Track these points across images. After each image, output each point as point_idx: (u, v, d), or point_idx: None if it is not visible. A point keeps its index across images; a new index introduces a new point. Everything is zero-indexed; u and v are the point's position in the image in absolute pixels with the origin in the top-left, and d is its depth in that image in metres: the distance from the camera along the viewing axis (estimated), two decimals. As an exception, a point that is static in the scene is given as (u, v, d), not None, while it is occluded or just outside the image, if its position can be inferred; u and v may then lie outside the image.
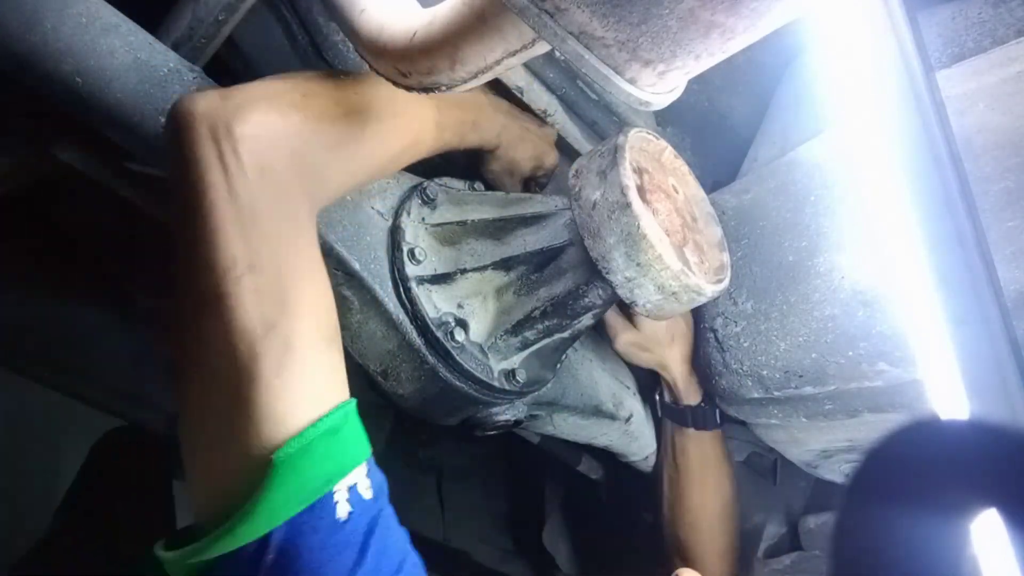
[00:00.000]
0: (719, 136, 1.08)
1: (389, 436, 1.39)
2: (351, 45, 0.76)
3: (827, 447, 0.92)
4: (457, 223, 0.78)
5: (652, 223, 0.65)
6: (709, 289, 0.69)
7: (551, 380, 0.86)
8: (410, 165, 0.90)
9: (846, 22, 0.49)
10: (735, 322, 0.87)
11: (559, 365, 0.86)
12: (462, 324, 0.75)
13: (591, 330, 0.99)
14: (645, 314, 0.70)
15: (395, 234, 0.75)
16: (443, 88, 0.52)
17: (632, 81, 0.44)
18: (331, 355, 0.54)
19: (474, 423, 0.83)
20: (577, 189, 0.69)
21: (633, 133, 0.70)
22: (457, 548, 1.63)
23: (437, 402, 0.78)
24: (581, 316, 0.77)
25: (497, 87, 0.89)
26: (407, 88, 0.54)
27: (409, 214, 0.77)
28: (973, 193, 0.46)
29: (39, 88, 0.60)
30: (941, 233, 0.46)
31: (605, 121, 0.97)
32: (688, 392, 0.99)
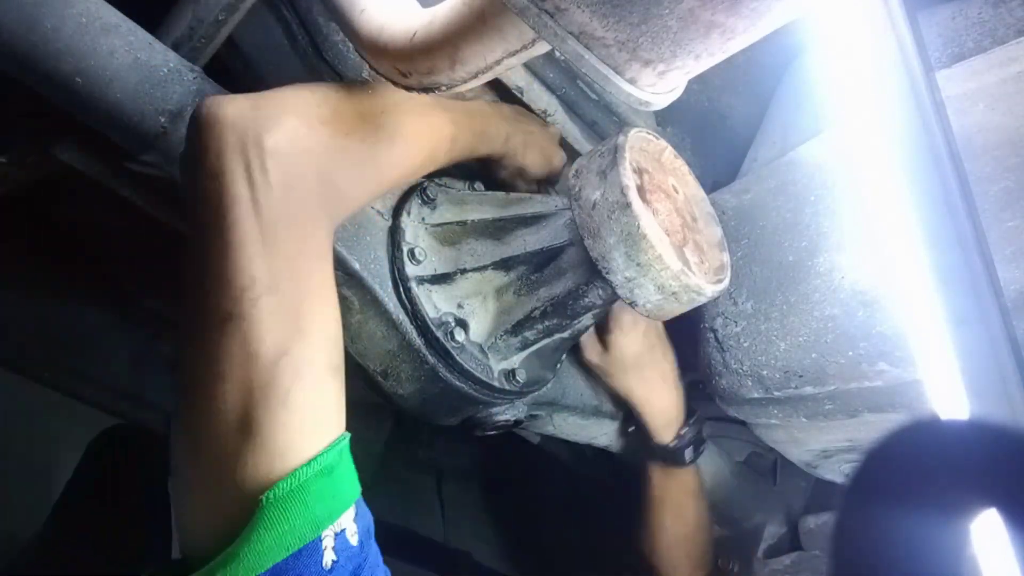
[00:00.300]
0: (719, 136, 1.08)
1: (389, 436, 1.39)
2: (351, 45, 0.76)
3: (827, 447, 0.92)
4: (457, 223, 0.78)
5: (652, 223, 0.65)
6: (709, 289, 0.69)
7: (551, 380, 0.86)
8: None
9: (846, 22, 0.49)
10: (735, 322, 0.87)
11: (559, 365, 0.86)
12: (462, 324, 0.75)
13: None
14: (645, 314, 0.69)
15: (395, 234, 0.75)
16: (443, 88, 0.52)
17: (632, 81, 0.44)
18: (336, 385, 0.52)
19: (474, 423, 0.83)
20: (577, 189, 0.69)
21: (633, 133, 0.70)
22: (457, 548, 1.63)
23: (437, 402, 0.78)
24: (581, 316, 0.77)
25: (497, 87, 0.89)
26: (407, 88, 0.54)
27: (409, 214, 0.77)
28: (973, 193, 0.46)
29: (39, 88, 0.60)
30: (941, 233, 0.46)
31: (605, 121, 0.97)
32: (657, 430, 0.95)
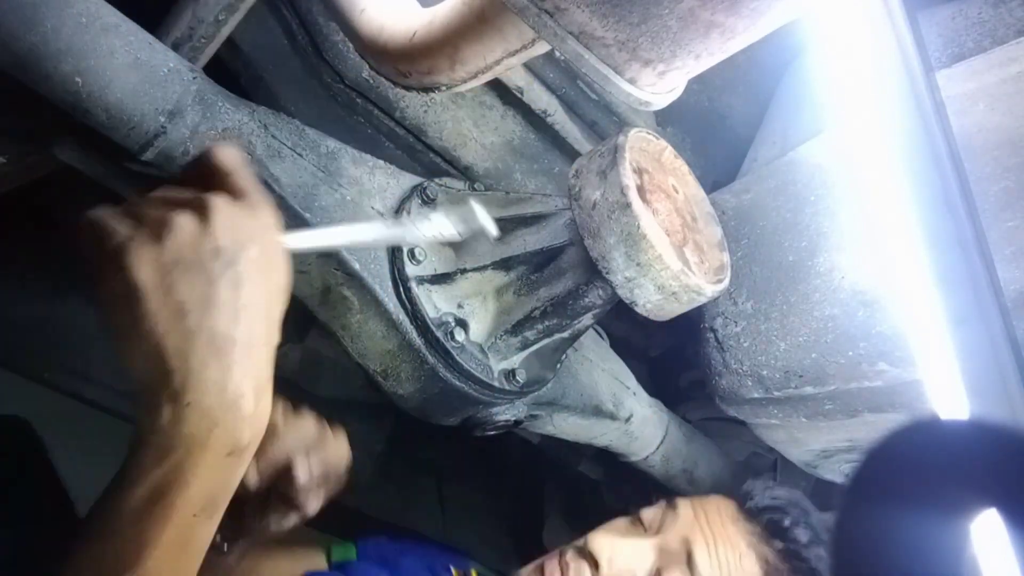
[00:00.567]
0: (719, 136, 1.08)
1: (389, 436, 1.39)
2: (351, 45, 0.76)
3: (827, 447, 0.92)
4: (457, 223, 0.78)
5: (652, 223, 0.65)
6: (709, 289, 0.69)
7: (551, 380, 0.85)
8: (410, 165, 0.90)
9: (846, 22, 0.49)
10: (735, 322, 0.87)
11: (559, 365, 0.86)
12: (462, 324, 0.75)
13: (591, 330, 0.99)
14: (645, 314, 0.69)
15: (395, 234, 0.75)
16: (443, 88, 0.52)
17: (632, 81, 0.44)
18: None
19: (474, 423, 0.83)
20: (577, 189, 0.69)
21: (633, 133, 0.70)
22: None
23: (437, 402, 0.78)
24: (581, 316, 0.76)
25: (497, 87, 0.89)
26: (406, 88, 0.54)
27: (409, 214, 0.77)
28: (973, 193, 0.46)
29: (39, 88, 0.60)
30: (941, 233, 0.46)
31: (605, 121, 0.97)
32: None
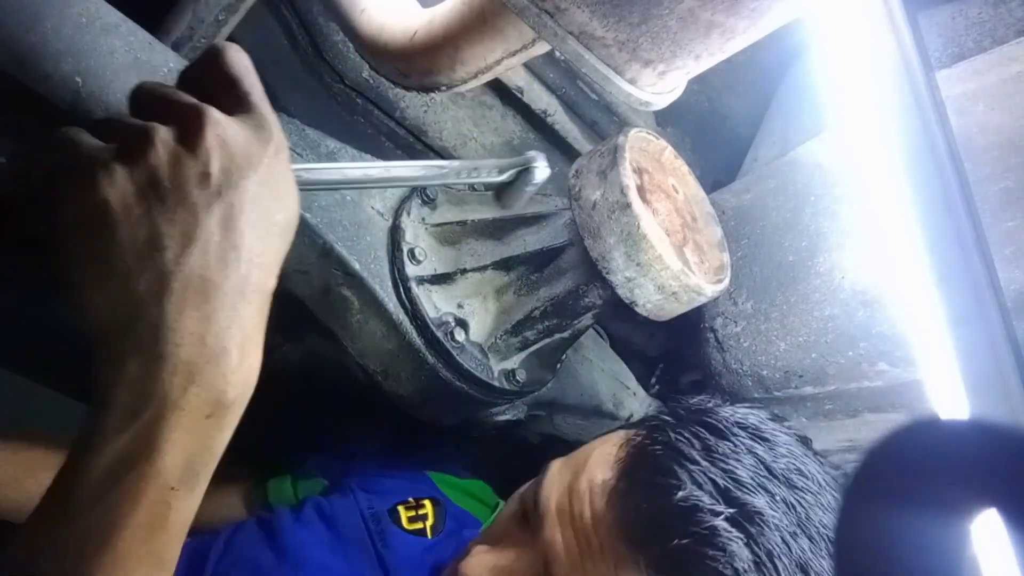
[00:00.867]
0: (719, 136, 1.08)
1: (388, 436, 1.39)
2: (351, 45, 0.76)
3: (827, 447, 0.92)
4: (457, 223, 0.78)
5: (652, 223, 0.65)
6: (709, 289, 0.69)
7: (551, 380, 0.85)
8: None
9: (846, 22, 0.49)
10: (735, 322, 0.87)
11: (559, 365, 0.86)
12: (462, 324, 0.75)
13: (591, 330, 0.98)
14: (645, 314, 0.69)
15: (395, 234, 0.75)
16: (443, 88, 0.53)
17: (632, 81, 0.44)
18: None
19: (474, 423, 0.83)
20: (577, 189, 0.69)
21: (633, 133, 0.70)
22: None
23: (437, 402, 0.78)
24: (581, 316, 0.76)
25: (497, 87, 0.89)
26: (406, 88, 0.54)
27: (409, 214, 0.77)
28: (973, 193, 0.46)
29: (39, 88, 0.60)
30: (941, 233, 0.46)
31: (605, 121, 0.97)
32: None
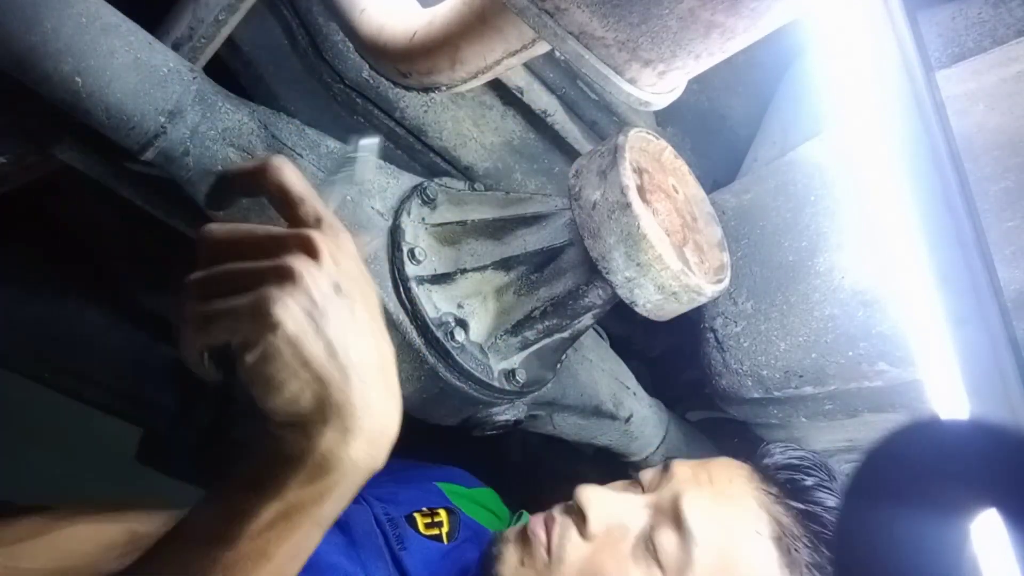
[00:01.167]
0: (719, 136, 1.08)
1: (396, 446, 1.39)
2: (351, 45, 0.76)
3: (827, 447, 0.92)
4: (457, 223, 0.78)
5: (652, 223, 0.65)
6: (709, 289, 0.69)
7: (551, 380, 0.85)
8: (410, 165, 0.90)
9: (846, 22, 0.49)
10: (735, 322, 0.87)
11: (559, 365, 0.86)
12: (462, 324, 0.75)
13: (591, 330, 0.98)
14: (645, 314, 0.69)
15: (395, 234, 0.75)
16: (443, 88, 0.53)
17: (632, 81, 0.44)
18: None
19: (474, 423, 0.83)
20: (577, 189, 0.69)
21: (633, 133, 0.70)
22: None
23: (437, 402, 0.78)
24: (581, 316, 0.76)
25: (497, 87, 0.89)
26: (406, 88, 0.54)
27: (409, 214, 0.77)
28: (973, 193, 0.46)
29: (39, 88, 0.60)
30: (941, 233, 0.46)
31: (605, 121, 0.97)
32: None
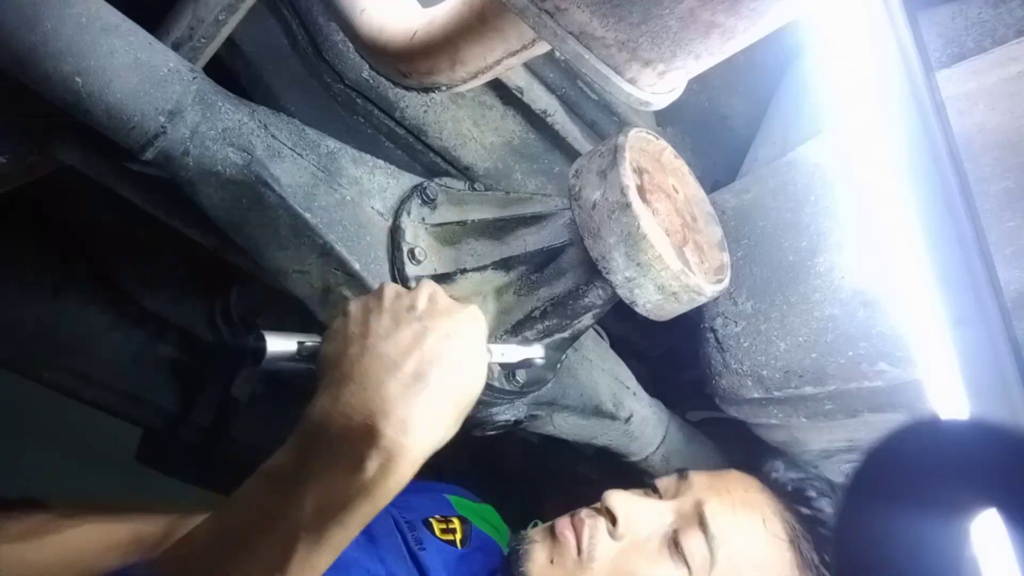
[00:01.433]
0: (719, 136, 1.08)
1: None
2: (351, 45, 0.76)
3: (827, 447, 0.92)
4: (457, 223, 0.78)
5: (652, 223, 0.65)
6: (709, 289, 0.69)
7: (551, 380, 0.85)
8: (410, 165, 0.90)
9: (846, 22, 0.49)
10: (735, 322, 0.87)
11: (559, 365, 0.86)
12: (462, 324, 0.75)
13: (591, 330, 0.98)
14: (645, 314, 0.69)
15: (395, 234, 0.75)
16: (443, 88, 0.53)
17: (632, 81, 0.44)
18: None
19: (474, 423, 0.83)
20: (577, 189, 0.69)
21: (633, 133, 0.70)
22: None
23: (437, 402, 0.78)
24: (581, 316, 0.76)
25: (497, 87, 0.89)
26: (406, 88, 0.54)
27: (409, 214, 0.77)
28: (973, 193, 0.46)
29: (39, 88, 0.60)
30: (941, 233, 0.46)
31: (605, 121, 0.97)
32: None
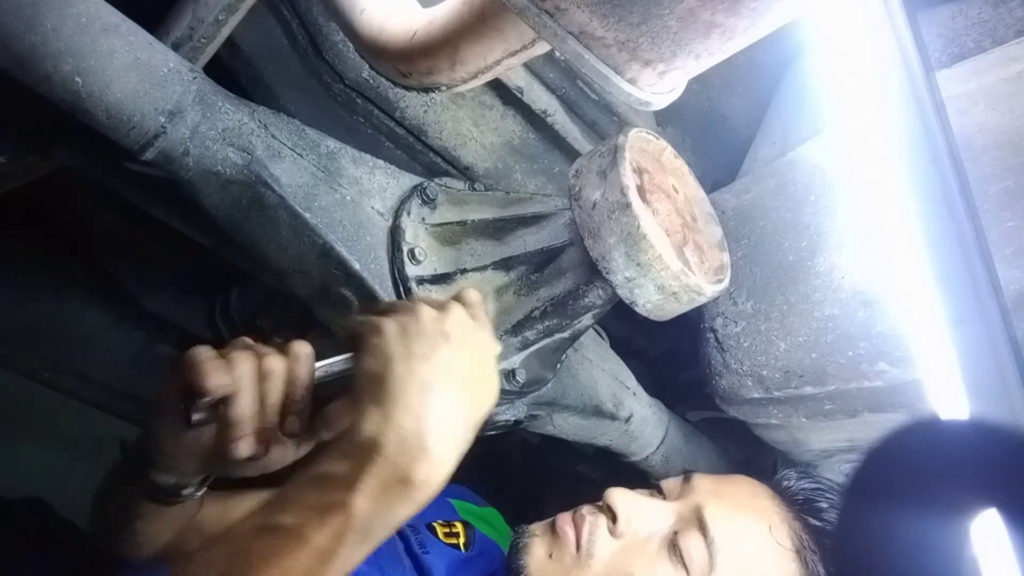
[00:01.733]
0: (719, 136, 1.08)
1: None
2: (351, 45, 0.76)
3: (827, 447, 0.92)
4: (457, 223, 0.78)
5: (652, 223, 0.65)
6: (709, 289, 0.69)
7: (551, 380, 0.85)
8: (410, 165, 0.90)
9: (846, 22, 0.49)
10: (735, 322, 0.87)
11: (559, 365, 0.86)
12: (462, 324, 0.75)
13: (591, 330, 0.98)
14: (645, 314, 0.69)
15: (395, 234, 0.75)
16: (443, 88, 0.53)
17: (632, 81, 0.44)
18: None
19: (474, 423, 0.83)
20: (577, 189, 0.69)
21: (633, 133, 0.70)
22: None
23: (437, 402, 0.78)
24: (581, 316, 0.76)
25: (497, 87, 0.89)
26: (406, 88, 0.54)
27: (409, 214, 0.77)
28: (973, 193, 0.46)
29: (39, 88, 0.60)
30: (941, 233, 0.46)
31: (605, 121, 0.97)
32: None
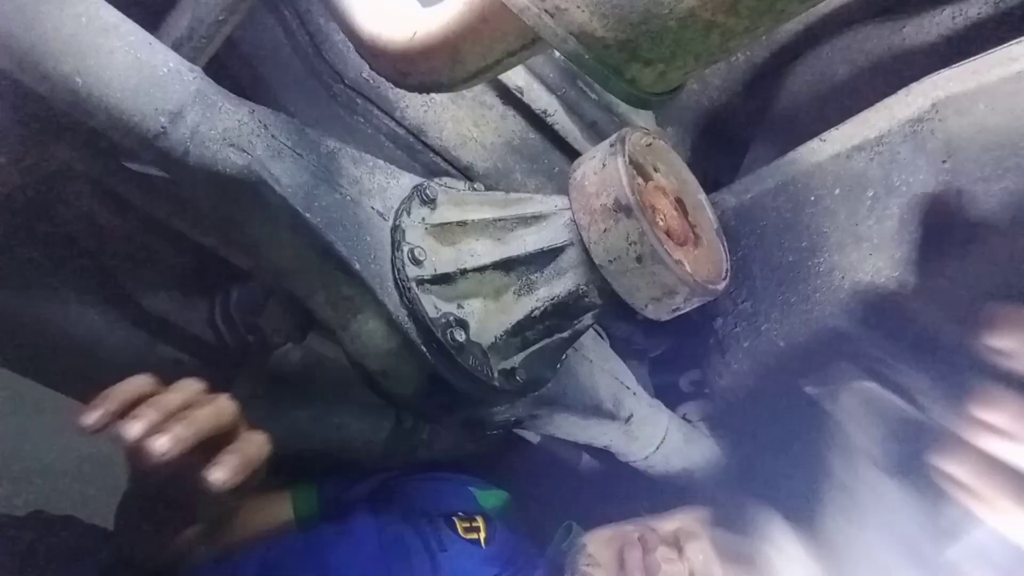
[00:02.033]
0: (719, 136, 1.08)
1: (389, 436, 1.39)
2: (351, 45, 0.76)
3: (827, 447, 0.92)
4: (457, 223, 0.78)
5: (652, 223, 0.65)
6: (709, 289, 0.69)
7: (551, 380, 0.85)
8: (410, 165, 0.90)
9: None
10: (735, 322, 0.87)
11: (559, 365, 0.86)
12: (462, 324, 0.75)
13: (591, 330, 0.99)
14: (646, 314, 0.70)
15: (395, 234, 0.75)
16: (443, 88, 0.53)
17: (632, 81, 0.44)
18: None
19: (474, 423, 0.83)
20: (577, 189, 0.69)
21: (633, 133, 0.70)
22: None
23: (437, 402, 0.78)
24: (581, 316, 0.76)
25: (497, 87, 0.89)
26: (406, 88, 0.54)
27: (409, 214, 0.77)
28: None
29: (39, 88, 0.60)
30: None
31: (605, 121, 0.97)
32: None
